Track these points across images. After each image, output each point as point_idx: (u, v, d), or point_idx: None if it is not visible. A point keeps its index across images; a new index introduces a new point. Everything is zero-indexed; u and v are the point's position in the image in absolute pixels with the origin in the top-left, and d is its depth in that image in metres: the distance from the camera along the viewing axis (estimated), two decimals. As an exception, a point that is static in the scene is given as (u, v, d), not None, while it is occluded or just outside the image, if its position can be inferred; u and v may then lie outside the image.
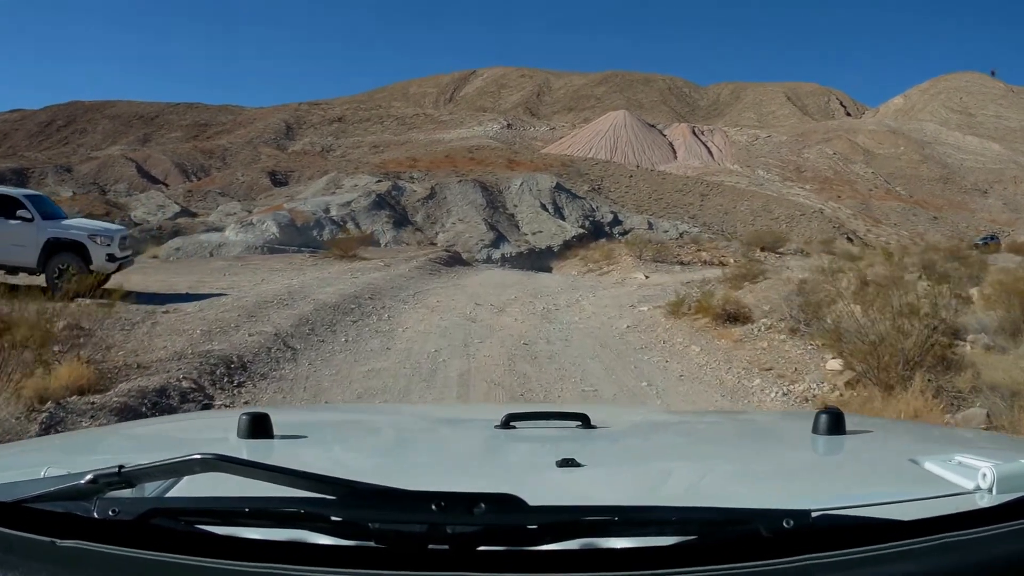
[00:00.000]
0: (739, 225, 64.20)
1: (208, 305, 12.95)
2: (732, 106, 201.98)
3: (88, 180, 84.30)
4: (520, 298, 17.38)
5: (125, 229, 15.95)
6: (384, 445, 2.07)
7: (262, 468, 1.06)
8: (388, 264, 23.59)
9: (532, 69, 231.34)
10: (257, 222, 42.01)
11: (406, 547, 0.95)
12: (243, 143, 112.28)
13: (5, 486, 1.11)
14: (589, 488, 1.42)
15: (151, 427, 2.86)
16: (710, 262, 29.11)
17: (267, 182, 79.06)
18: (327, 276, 19.08)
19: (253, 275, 19.04)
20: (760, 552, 0.92)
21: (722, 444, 2.11)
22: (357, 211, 46.40)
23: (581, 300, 17.45)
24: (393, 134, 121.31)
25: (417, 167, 70.06)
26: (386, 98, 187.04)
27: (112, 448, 1.95)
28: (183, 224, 51.63)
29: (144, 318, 11.30)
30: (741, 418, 3.54)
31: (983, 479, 1.22)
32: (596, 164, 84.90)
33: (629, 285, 21.81)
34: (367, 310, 14.08)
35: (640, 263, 28.70)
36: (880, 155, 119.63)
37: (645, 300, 16.85)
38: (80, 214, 26.56)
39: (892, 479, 1.49)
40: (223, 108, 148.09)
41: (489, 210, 51.98)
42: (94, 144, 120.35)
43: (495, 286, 20.42)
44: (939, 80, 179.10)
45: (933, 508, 1.09)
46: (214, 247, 38.51)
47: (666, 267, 27.96)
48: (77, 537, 0.93)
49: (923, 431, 2.82)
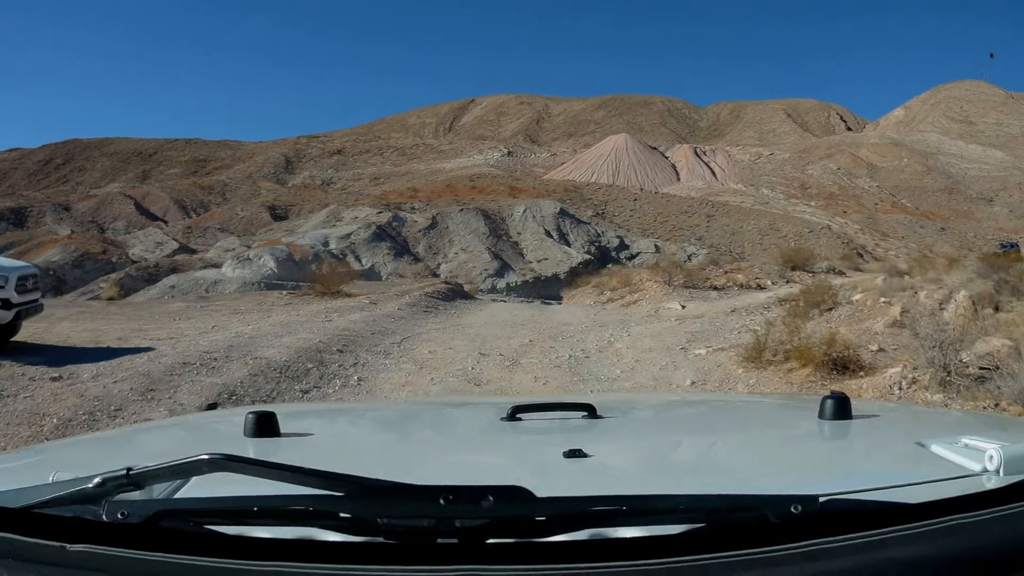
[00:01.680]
0: (747, 245, 63.08)
1: (111, 369, 9.95)
2: (732, 125, 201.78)
3: (86, 218, 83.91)
4: (537, 342, 14.13)
5: (31, 267, 12.42)
6: (390, 440, 2.07)
7: (270, 467, 1.07)
8: (375, 301, 20.67)
9: (531, 96, 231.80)
10: (254, 257, 41.05)
11: (415, 541, 0.97)
12: (242, 178, 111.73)
13: (13, 492, 1.12)
14: (596, 478, 1.41)
15: (157, 429, 2.77)
16: (747, 285, 25.43)
17: (267, 217, 78.28)
18: (294, 320, 15.98)
19: (207, 320, 16.33)
20: (769, 538, 0.94)
21: (728, 430, 2.06)
22: (357, 243, 45.39)
23: (615, 341, 14.08)
24: (393, 165, 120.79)
25: (418, 197, 69.35)
26: (385, 129, 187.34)
27: (119, 451, 1.94)
28: (180, 261, 50.67)
29: (13, 389, 8.63)
30: (747, 403, 3.32)
31: (990, 461, 1.23)
32: (599, 188, 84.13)
33: (665, 318, 18.20)
34: (329, 371, 10.62)
35: (670, 290, 24.33)
36: (884, 168, 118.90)
37: (696, 339, 13.64)
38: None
39: (899, 462, 1.50)
40: (222, 143, 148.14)
41: (492, 238, 50.86)
42: (93, 182, 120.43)
43: (503, 325, 17.35)
44: (938, 90, 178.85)
45: (940, 491, 1.10)
46: (209, 284, 37.49)
47: (700, 294, 23.73)
48: (87, 541, 0.94)
49: (929, 415, 2.77)
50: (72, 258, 51.88)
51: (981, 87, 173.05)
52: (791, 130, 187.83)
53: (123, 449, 1.99)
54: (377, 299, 21.25)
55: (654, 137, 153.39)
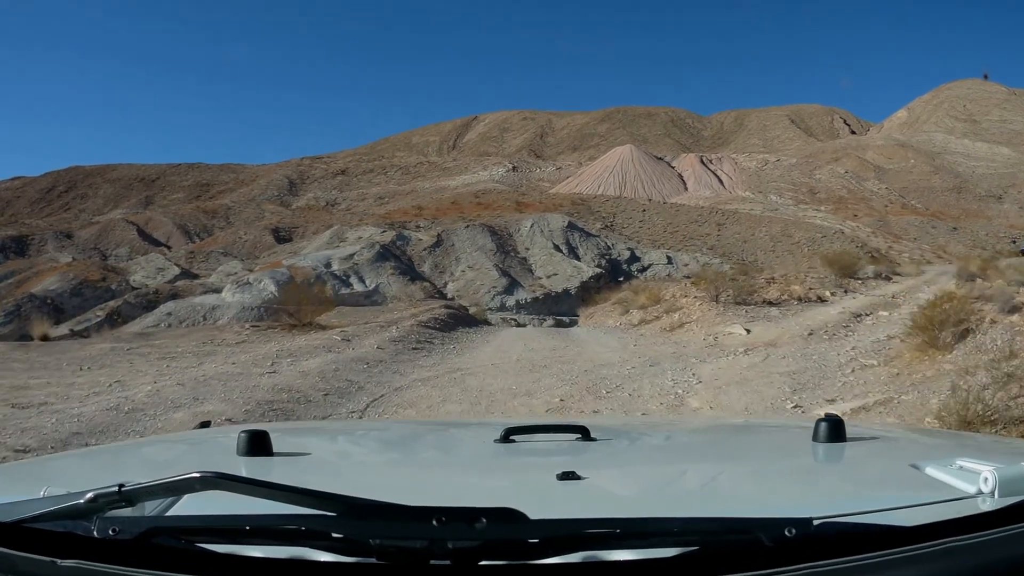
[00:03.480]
0: (759, 253, 61.82)
1: None
2: (736, 133, 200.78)
3: (89, 245, 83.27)
4: (571, 401, 10.15)
5: None
6: (384, 461, 2.08)
7: (262, 485, 1.07)
8: (350, 337, 16.49)
9: (534, 111, 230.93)
10: (254, 281, 39.98)
11: (408, 563, 0.96)
12: (246, 201, 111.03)
13: (5, 506, 1.12)
14: (590, 501, 1.41)
15: (150, 446, 2.73)
16: (805, 298, 21.60)
17: (271, 239, 77.36)
18: (226, 371, 12.17)
19: (117, 371, 12.95)
20: (763, 561, 0.93)
21: (722, 453, 2.06)
22: (360, 264, 44.25)
23: (686, 394, 10.23)
24: (398, 184, 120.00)
25: (423, 215, 68.34)
26: (389, 149, 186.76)
27: (111, 467, 1.93)
28: (182, 287, 49.57)
29: None
30: (741, 427, 3.06)
31: (985, 483, 1.23)
32: (607, 200, 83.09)
33: (732, 348, 14.19)
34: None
35: (719, 307, 19.69)
36: (891, 170, 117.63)
37: (802, 387, 10.05)
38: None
39: (894, 485, 1.50)
40: (225, 167, 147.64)
41: (500, 255, 49.67)
42: (96, 209, 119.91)
43: (518, 369, 13.29)
44: (941, 90, 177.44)
45: (935, 513, 1.11)
46: (207, 310, 36.34)
47: (757, 311, 19.17)
48: (78, 557, 0.94)
49: (923, 436, 2.71)
50: (71, 286, 50.85)
51: (983, 85, 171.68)
52: (795, 136, 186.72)
53: (115, 465, 1.96)
54: (355, 333, 17.32)
55: (659, 148, 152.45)
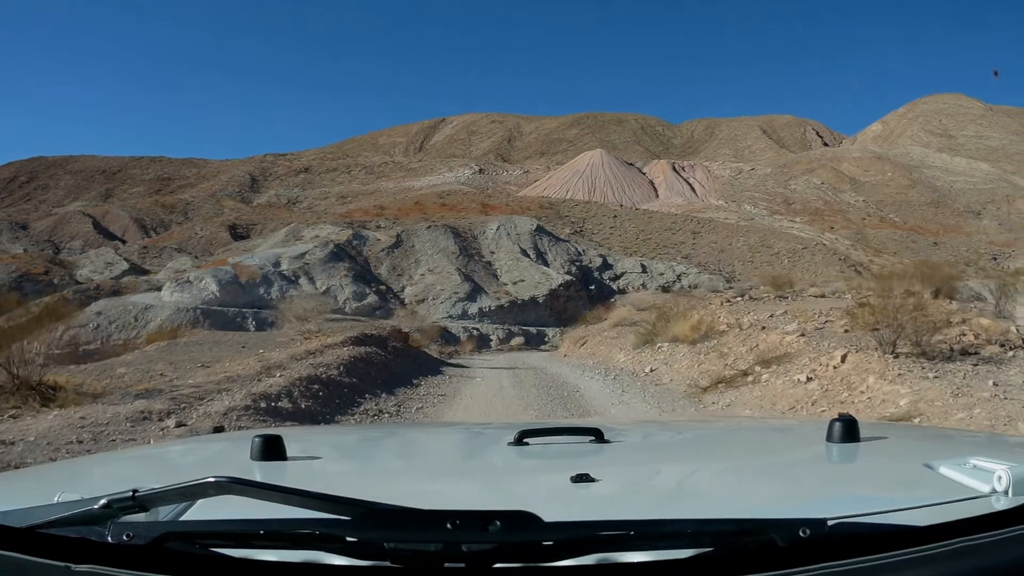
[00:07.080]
0: (736, 263, 59.46)
1: None
2: (707, 142, 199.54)
3: (43, 238, 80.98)
4: None
5: None
6: (397, 465, 2.06)
7: (276, 490, 1.07)
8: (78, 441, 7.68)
9: (502, 114, 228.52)
10: (195, 280, 36.57)
11: (422, 566, 0.97)
12: (206, 196, 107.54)
13: (19, 512, 1.12)
14: (604, 503, 1.42)
15: (163, 451, 2.72)
16: (987, 341, 12.89)
17: (227, 236, 74.28)
18: None
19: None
20: (777, 562, 0.94)
21: (736, 454, 2.04)
22: (312, 264, 41.04)
23: None
24: (361, 184, 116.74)
25: (384, 215, 65.38)
26: (355, 148, 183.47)
27: (125, 472, 1.94)
28: (126, 283, 46.35)
29: None
30: (754, 427, 2.98)
31: (999, 482, 1.22)
32: (576, 205, 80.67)
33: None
34: None
35: (894, 362, 11.32)
36: (867, 183, 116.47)
37: None
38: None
39: (907, 485, 1.48)
40: (187, 161, 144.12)
41: (463, 258, 46.62)
42: (56, 200, 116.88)
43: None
44: (916, 104, 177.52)
45: (949, 513, 1.11)
46: (140, 311, 33.06)
47: (950, 369, 10.98)
48: (92, 562, 0.94)
49: (937, 436, 2.63)
50: (11, 279, 47.57)
51: (959, 100, 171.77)
52: (767, 146, 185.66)
53: (129, 471, 1.96)
54: (108, 420, 8.57)
55: (628, 155, 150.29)
